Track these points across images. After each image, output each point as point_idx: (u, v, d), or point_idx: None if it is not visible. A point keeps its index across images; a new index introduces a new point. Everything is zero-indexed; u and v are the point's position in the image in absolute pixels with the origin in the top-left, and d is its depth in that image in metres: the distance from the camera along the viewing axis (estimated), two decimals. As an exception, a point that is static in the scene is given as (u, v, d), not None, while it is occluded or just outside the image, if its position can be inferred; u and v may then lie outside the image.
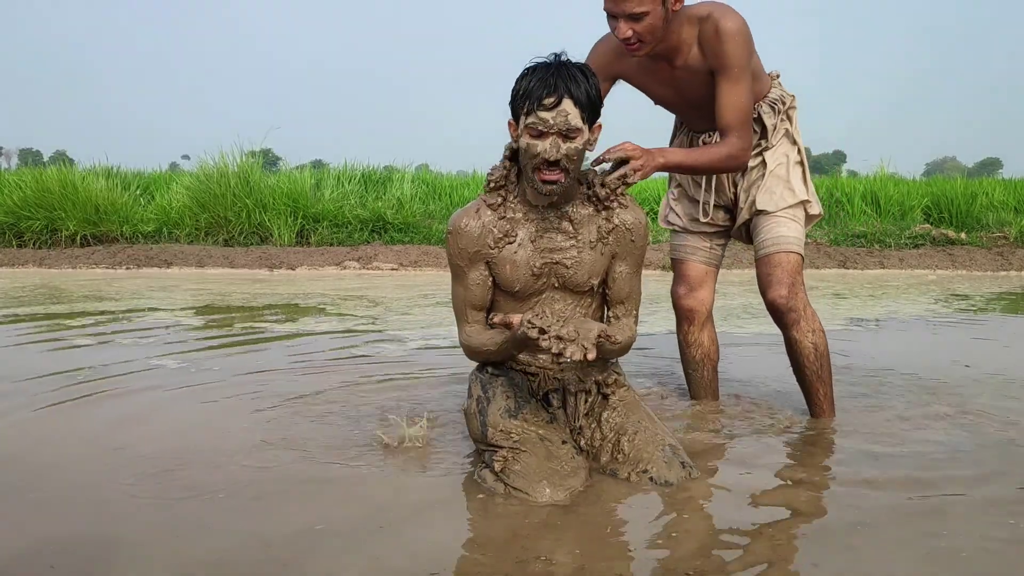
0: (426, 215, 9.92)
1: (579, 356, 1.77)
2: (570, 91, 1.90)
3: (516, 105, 1.96)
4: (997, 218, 9.98)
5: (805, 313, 2.42)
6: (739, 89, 2.26)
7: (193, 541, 1.66)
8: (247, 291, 6.26)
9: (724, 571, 1.52)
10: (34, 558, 1.59)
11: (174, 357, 3.53)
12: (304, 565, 1.55)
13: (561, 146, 1.92)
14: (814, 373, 2.48)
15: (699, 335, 2.64)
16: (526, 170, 1.99)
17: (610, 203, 2.07)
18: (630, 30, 2.15)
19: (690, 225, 2.63)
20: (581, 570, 1.53)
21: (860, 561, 1.58)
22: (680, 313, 2.66)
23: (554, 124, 1.90)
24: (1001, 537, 1.68)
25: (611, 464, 2.03)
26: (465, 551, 1.62)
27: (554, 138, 1.92)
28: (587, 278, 2.08)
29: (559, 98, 1.89)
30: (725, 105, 2.27)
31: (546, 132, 1.91)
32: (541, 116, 1.90)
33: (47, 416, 2.60)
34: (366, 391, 2.91)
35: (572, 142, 1.93)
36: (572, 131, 1.91)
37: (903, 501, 1.88)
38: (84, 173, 9.87)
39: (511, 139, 2.04)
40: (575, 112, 1.91)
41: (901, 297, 6.18)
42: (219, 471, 2.07)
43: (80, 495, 1.92)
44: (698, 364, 2.69)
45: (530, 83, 1.92)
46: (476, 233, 2.06)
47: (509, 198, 2.08)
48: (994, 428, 2.47)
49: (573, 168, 1.97)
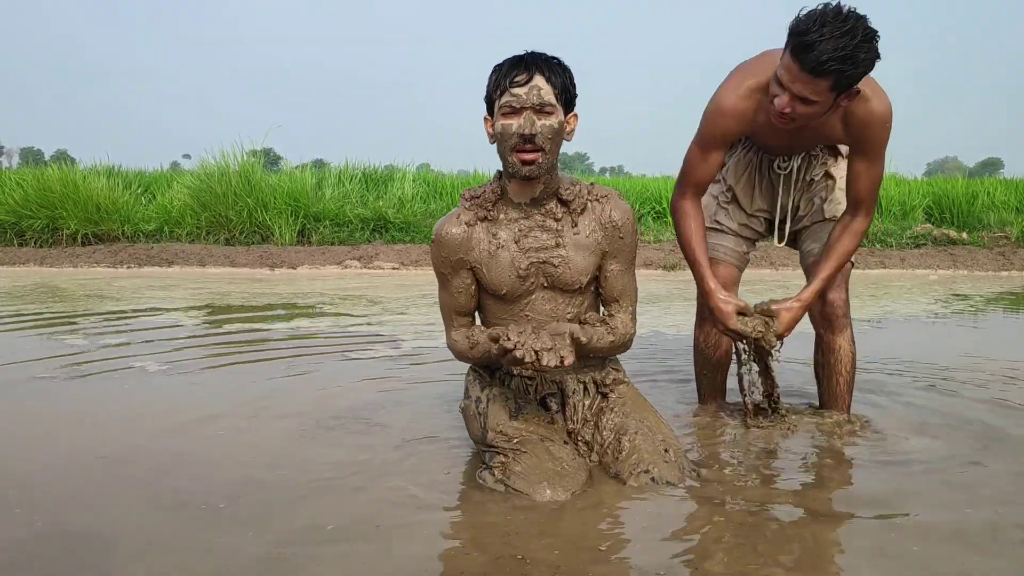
0: (427, 214, 9.91)
1: (555, 362, 1.81)
2: (542, 69, 1.93)
3: (490, 92, 1.97)
4: (998, 218, 9.97)
5: (849, 321, 2.46)
6: (877, 168, 2.26)
7: (186, 547, 1.64)
8: (247, 290, 6.26)
9: (726, 571, 1.52)
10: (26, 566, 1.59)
11: (170, 357, 3.52)
12: (300, 566, 1.54)
13: (536, 121, 1.92)
14: (847, 382, 2.50)
15: (720, 337, 2.59)
16: (504, 156, 1.98)
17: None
18: (790, 107, 2.08)
19: (740, 230, 2.58)
20: (581, 571, 1.52)
21: (864, 561, 1.58)
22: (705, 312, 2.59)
23: (527, 99, 1.91)
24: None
25: (612, 464, 2.03)
26: (462, 553, 1.62)
27: (528, 113, 1.92)
28: (576, 276, 2.06)
29: (531, 75, 1.92)
30: (863, 181, 2.27)
31: (520, 108, 1.92)
32: (514, 92, 1.92)
33: (38, 416, 2.60)
34: (364, 391, 2.91)
35: (547, 118, 1.93)
36: (546, 106, 1.92)
37: (911, 501, 1.88)
38: (85, 172, 9.87)
39: (488, 136, 2.03)
40: (548, 88, 1.93)
41: (902, 297, 6.17)
42: (213, 475, 2.06)
43: (70, 499, 1.91)
44: (714, 366, 2.65)
45: (501, 68, 1.95)
46: (458, 240, 2.06)
47: (490, 201, 2.07)
48: (995, 424, 2.46)
49: (550, 148, 1.96)
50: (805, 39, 1.95)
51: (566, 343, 1.86)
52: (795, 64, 1.99)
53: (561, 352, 1.83)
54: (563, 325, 1.93)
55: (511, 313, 2.09)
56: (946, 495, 1.92)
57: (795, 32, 1.98)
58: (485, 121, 2.03)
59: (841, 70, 1.96)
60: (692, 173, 2.36)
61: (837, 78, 1.98)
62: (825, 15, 1.95)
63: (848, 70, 1.97)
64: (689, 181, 2.36)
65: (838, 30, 1.93)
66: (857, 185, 2.29)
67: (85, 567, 1.55)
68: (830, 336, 2.46)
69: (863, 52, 1.95)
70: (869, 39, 1.95)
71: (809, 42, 1.94)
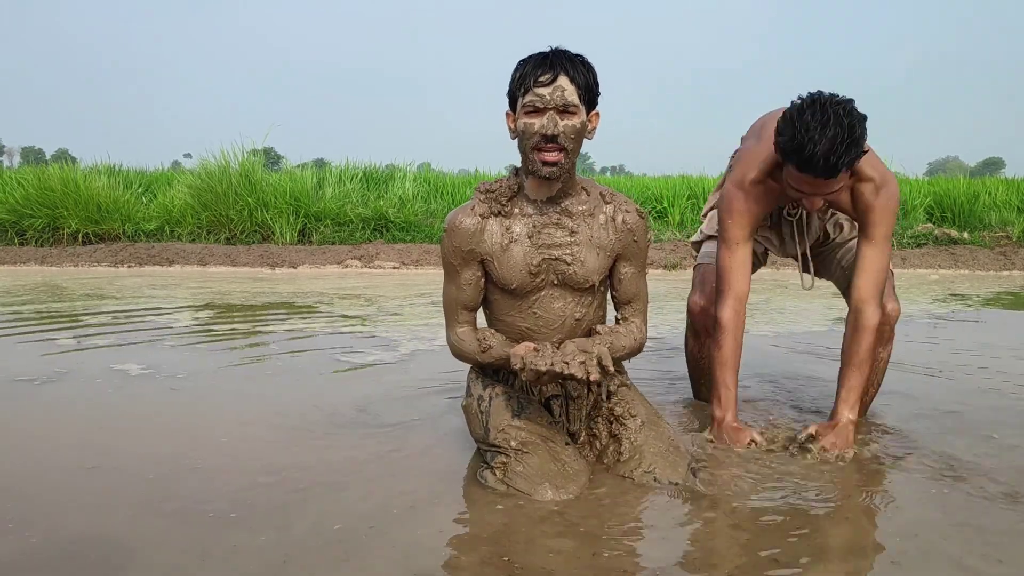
0: (428, 214, 9.92)
1: (596, 375, 1.82)
2: (566, 69, 1.91)
3: (513, 89, 1.96)
4: (999, 217, 9.97)
5: (894, 333, 2.47)
6: (883, 258, 2.22)
7: (186, 548, 1.64)
8: (247, 289, 6.26)
9: (727, 571, 1.52)
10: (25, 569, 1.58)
11: (169, 358, 3.52)
12: (296, 568, 1.54)
13: (559, 122, 1.91)
14: (875, 392, 2.52)
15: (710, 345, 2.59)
16: (525, 154, 1.97)
17: None
18: (823, 201, 2.10)
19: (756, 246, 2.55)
20: (582, 570, 1.52)
21: (865, 560, 1.58)
22: (695, 323, 2.59)
23: (551, 99, 1.90)
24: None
25: (615, 465, 2.03)
26: (464, 553, 1.61)
27: (551, 113, 1.91)
28: (588, 275, 2.06)
29: (555, 75, 1.90)
30: (869, 274, 2.21)
31: (543, 108, 1.91)
32: (538, 92, 1.90)
33: (33, 417, 2.59)
34: (364, 390, 2.91)
35: (570, 119, 1.92)
36: (569, 107, 1.91)
37: (910, 500, 1.87)
38: (86, 171, 9.89)
39: (509, 131, 2.02)
40: (571, 89, 1.91)
41: (902, 297, 6.17)
42: (215, 480, 2.06)
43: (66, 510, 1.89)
44: (707, 372, 2.61)
45: (526, 65, 1.93)
46: (471, 231, 2.04)
47: (506, 196, 2.06)
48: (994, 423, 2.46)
49: (572, 148, 1.95)
50: (804, 154, 1.95)
51: (603, 353, 1.85)
52: (809, 175, 1.99)
53: (602, 363, 1.83)
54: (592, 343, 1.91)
55: (519, 309, 2.08)
56: (947, 495, 1.92)
57: (790, 149, 1.98)
58: (507, 116, 2.01)
59: (851, 158, 1.97)
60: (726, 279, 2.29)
61: (850, 164, 1.99)
62: (804, 120, 1.94)
63: (855, 152, 1.97)
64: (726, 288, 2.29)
65: (826, 126, 1.92)
66: (864, 278, 2.21)
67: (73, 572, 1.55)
68: (878, 347, 2.39)
69: (857, 129, 1.95)
70: (850, 112, 1.95)
71: (809, 154, 1.94)
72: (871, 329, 2.22)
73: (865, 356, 2.23)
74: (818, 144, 1.92)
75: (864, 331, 2.22)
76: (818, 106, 1.94)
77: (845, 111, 1.93)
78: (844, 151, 1.93)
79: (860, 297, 2.23)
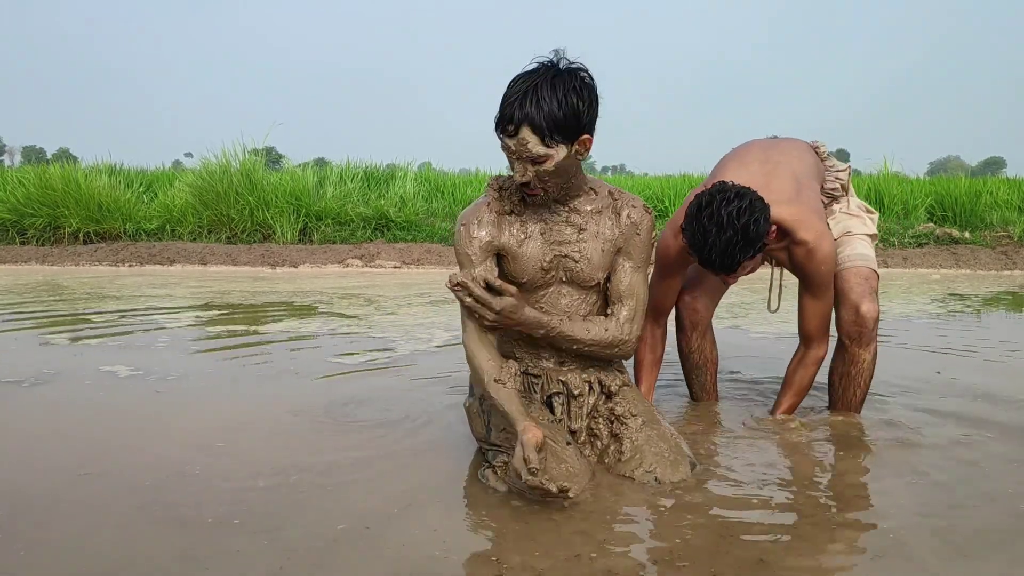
0: (429, 213, 9.92)
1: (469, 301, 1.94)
2: (530, 118, 1.85)
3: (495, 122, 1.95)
4: (1001, 217, 9.95)
5: (876, 335, 2.47)
6: (824, 303, 2.34)
7: (181, 555, 1.63)
8: (247, 289, 6.27)
9: (728, 570, 1.52)
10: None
11: (168, 358, 3.53)
12: (296, 570, 1.54)
13: (528, 169, 1.92)
14: (863, 393, 2.52)
15: (701, 342, 2.65)
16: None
17: None
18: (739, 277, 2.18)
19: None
20: (582, 571, 1.52)
21: (866, 560, 1.58)
22: (684, 321, 2.63)
23: (516, 151, 1.91)
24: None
25: (615, 464, 2.03)
26: (465, 553, 1.62)
27: (520, 163, 1.92)
28: (593, 272, 2.08)
29: (516, 127, 1.88)
30: (811, 316, 2.36)
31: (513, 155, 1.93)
32: (505, 142, 1.92)
33: (29, 419, 2.60)
34: (365, 390, 2.91)
35: (540, 166, 1.92)
36: (536, 158, 1.90)
37: (910, 499, 1.87)
38: (87, 170, 9.89)
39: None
40: (535, 140, 1.87)
41: (900, 297, 6.17)
42: (216, 483, 2.05)
43: (63, 519, 1.88)
44: (700, 369, 2.69)
45: (501, 103, 1.90)
46: (489, 225, 2.06)
47: (518, 196, 2.07)
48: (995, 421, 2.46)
49: (551, 184, 1.97)
50: (703, 254, 2.06)
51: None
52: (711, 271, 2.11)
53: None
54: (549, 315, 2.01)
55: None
56: (947, 495, 1.92)
57: (691, 247, 2.09)
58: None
59: (748, 256, 2.05)
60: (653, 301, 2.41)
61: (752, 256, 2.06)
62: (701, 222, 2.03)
63: (751, 251, 2.05)
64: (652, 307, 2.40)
65: (721, 229, 2.00)
66: (806, 322, 2.37)
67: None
68: (856, 348, 2.44)
69: (751, 230, 2.01)
70: (746, 209, 2.01)
71: (707, 255, 2.05)
72: (815, 363, 2.43)
73: (805, 384, 2.46)
74: (713, 248, 2.03)
75: (808, 366, 2.44)
76: (712, 208, 2.02)
77: (739, 211, 2.00)
78: (739, 251, 2.03)
79: (806, 336, 2.41)
